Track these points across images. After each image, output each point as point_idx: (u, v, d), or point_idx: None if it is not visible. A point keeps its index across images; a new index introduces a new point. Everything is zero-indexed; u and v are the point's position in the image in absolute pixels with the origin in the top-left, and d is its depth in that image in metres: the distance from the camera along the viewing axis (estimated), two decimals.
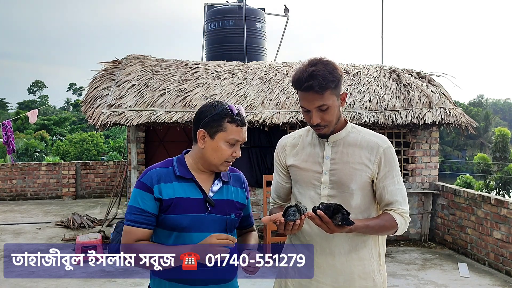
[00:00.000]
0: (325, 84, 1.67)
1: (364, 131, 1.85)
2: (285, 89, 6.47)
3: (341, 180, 1.77)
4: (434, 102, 6.30)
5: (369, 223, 1.71)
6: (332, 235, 1.75)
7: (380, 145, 1.78)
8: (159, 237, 1.69)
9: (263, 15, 8.88)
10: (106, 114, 5.83)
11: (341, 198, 1.76)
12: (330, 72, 1.68)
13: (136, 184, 1.70)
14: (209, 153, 1.68)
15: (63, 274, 5.19)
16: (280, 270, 1.99)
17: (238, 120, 1.67)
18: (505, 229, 5.18)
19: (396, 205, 1.78)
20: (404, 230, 1.81)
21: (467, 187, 20.12)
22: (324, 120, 1.73)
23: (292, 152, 1.91)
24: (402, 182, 1.83)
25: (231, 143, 1.67)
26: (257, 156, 6.83)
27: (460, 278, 5.07)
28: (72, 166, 10.84)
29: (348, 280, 1.77)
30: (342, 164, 1.78)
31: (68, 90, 60.08)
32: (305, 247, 1.83)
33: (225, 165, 1.71)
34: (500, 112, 58.80)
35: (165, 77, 6.58)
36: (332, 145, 1.82)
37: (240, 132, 1.68)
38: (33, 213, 8.93)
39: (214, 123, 1.65)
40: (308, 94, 1.69)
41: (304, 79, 1.67)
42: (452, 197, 6.26)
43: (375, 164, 1.77)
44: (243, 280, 5.19)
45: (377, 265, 1.83)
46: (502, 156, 27.08)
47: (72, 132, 31.84)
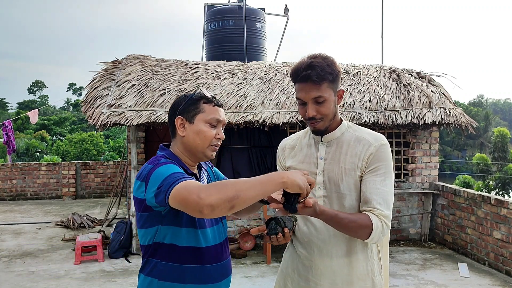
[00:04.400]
0: (323, 75, 1.66)
1: (360, 130, 1.81)
2: (285, 89, 6.47)
3: (333, 181, 1.75)
4: (434, 102, 6.30)
5: (339, 214, 1.62)
6: (329, 237, 1.74)
7: (371, 143, 1.73)
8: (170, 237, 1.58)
9: (263, 15, 8.88)
10: (106, 114, 5.83)
11: (335, 199, 1.75)
12: (329, 65, 1.68)
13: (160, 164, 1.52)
14: (191, 139, 1.62)
15: (63, 274, 5.19)
16: (280, 271, 1.99)
17: (214, 100, 1.64)
18: (505, 229, 5.18)
19: (374, 204, 1.66)
20: (380, 236, 1.66)
21: (466, 187, 20.11)
22: (319, 113, 1.71)
23: (291, 154, 1.91)
24: (389, 186, 1.70)
25: (212, 123, 1.62)
26: (257, 156, 6.84)
27: (460, 278, 5.07)
28: (72, 166, 10.85)
29: (346, 281, 1.76)
30: (333, 164, 1.76)
31: (68, 90, 60.04)
32: (303, 248, 1.83)
33: (211, 149, 1.64)
34: (500, 112, 58.80)
35: (165, 77, 6.58)
36: (327, 145, 1.80)
37: (218, 111, 1.64)
38: (33, 213, 8.94)
39: (190, 107, 1.62)
40: (305, 85, 1.68)
41: (302, 69, 1.67)
42: (452, 197, 6.27)
43: (364, 161, 1.71)
44: (243, 280, 5.20)
45: (377, 265, 1.81)
46: (502, 156, 27.09)
47: (72, 132, 31.80)
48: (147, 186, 1.50)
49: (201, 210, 1.31)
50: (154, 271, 1.60)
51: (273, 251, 5.85)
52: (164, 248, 1.59)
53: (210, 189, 1.33)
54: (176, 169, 1.49)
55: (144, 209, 1.57)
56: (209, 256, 1.63)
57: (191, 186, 1.37)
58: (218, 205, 1.31)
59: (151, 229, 1.59)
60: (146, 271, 1.63)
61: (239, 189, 1.32)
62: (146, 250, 1.63)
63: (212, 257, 1.64)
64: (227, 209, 1.32)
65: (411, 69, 7.20)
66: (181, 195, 1.36)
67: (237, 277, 4.97)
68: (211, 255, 1.63)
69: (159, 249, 1.60)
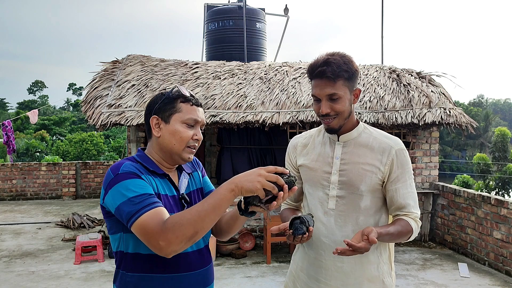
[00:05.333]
0: (338, 72, 1.65)
1: (377, 132, 1.82)
2: (285, 89, 6.47)
3: (351, 181, 1.74)
4: (434, 102, 6.30)
5: (390, 230, 1.66)
6: (341, 238, 1.72)
7: (392, 146, 1.75)
8: (133, 245, 1.45)
9: (263, 15, 8.88)
10: (106, 114, 5.84)
11: (350, 199, 1.75)
12: (345, 63, 1.67)
13: (116, 179, 1.41)
14: (167, 140, 1.51)
15: (63, 274, 5.19)
16: (289, 272, 1.96)
17: (191, 99, 1.54)
18: (505, 229, 5.18)
19: (409, 208, 1.75)
20: (416, 235, 1.78)
21: (465, 187, 20.11)
22: (333, 110, 1.69)
23: (303, 152, 1.88)
24: (414, 186, 1.80)
25: (189, 123, 1.52)
26: (257, 156, 6.84)
27: (460, 278, 5.07)
28: (72, 166, 10.84)
29: (357, 283, 1.76)
30: (352, 165, 1.75)
31: (68, 90, 60.09)
32: (315, 249, 1.81)
33: (188, 152, 1.53)
34: (500, 112, 58.81)
35: (165, 77, 6.58)
36: (343, 145, 1.78)
37: (196, 111, 1.53)
38: (33, 213, 8.94)
39: (166, 106, 1.52)
40: (320, 81, 1.68)
41: (318, 65, 1.67)
42: (452, 197, 6.27)
43: (387, 166, 1.73)
44: (243, 280, 5.20)
45: (387, 268, 1.81)
46: (502, 156, 27.09)
47: (72, 132, 31.80)
48: (106, 195, 1.42)
49: (165, 255, 1.32)
50: (122, 283, 1.49)
51: (273, 251, 5.85)
52: (128, 258, 1.47)
53: (167, 234, 1.28)
54: (136, 187, 1.38)
55: (107, 215, 1.48)
56: (184, 263, 1.49)
57: (150, 227, 1.30)
58: (180, 248, 1.31)
59: (116, 236, 1.49)
60: (117, 282, 1.53)
61: (195, 225, 1.29)
62: (115, 258, 1.54)
63: (188, 264, 1.50)
64: (190, 244, 1.32)
65: (411, 69, 7.20)
66: (142, 236, 1.33)
67: (237, 277, 4.97)
68: (186, 262, 1.50)
69: (123, 259, 1.49)
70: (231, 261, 5.61)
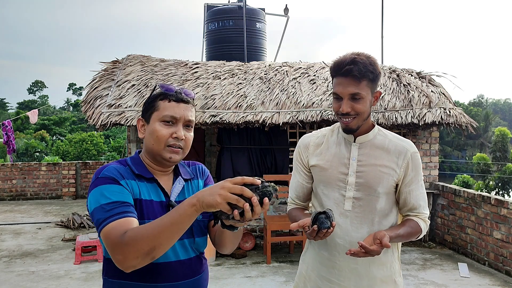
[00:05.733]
0: (364, 72, 1.65)
1: (391, 134, 1.84)
2: (285, 89, 6.48)
3: (368, 183, 1.75)
4: (434, 102, 6.30)
5: (400, 232, 1.69)
6: (356, 239, 1.72)
7: (408, 149, 1.78)
8: None
9: (263, 15, 8.88)
10: (106, 114, 5.84)
11: (367, 201, 1.75)
12: (371, 64, 1.68)
13: (95, 183, 1.37)
14: (147, 140, 1.46)
15: (63, 274, 5.19)
16: (299, 273, 1.95)
17: (171, 95, 1.46)
18: (505, 229, 5.18)
19: (420, 209, 1.79)
20: (424, 234, 1.84)
21: (465, 187, 20.11)
22: (354, 110, 1.68)
23: (316, 152, 1.86)
24: (424, 186, 1.84)
25: (166, 120, 1.44)
26: (257, 156, 6.83)
27: (460, 278, 5.07)
28: (72, 166, 10.85)
29: (371, 284, 1.77)
30: (369, 167, 1.75)
31: (68, 90, 60.12)
32: (328, 249, 1.80)
33: (169, 151, 1.44)
34: (500, 112, 58.84)
35: (165, 77, 6.58)
36: (359, 147, 1.78)
37: (174, 107, 1.44)
38: (33, 213, 8.94)
39: (148, 107, 1.49)
40: (345, 79, 1.67)
41: (345, 63, 1.66)
42: (452, 197, 6.27)
43: (402, 168, 1.76)
44: (243, 280, 5.20)
45: (398, 267, 1.84)
46: (502, 156, 27.10)
47: (72, 132, 31.81)
48: (87, 198, 1.39)
49: (124, 270, 1.25)
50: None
51: (273, 251, 5.84)
52: (111, 263, 1.39)
53: (124, 248, 1.22)
54: (110, 193, 1.33)
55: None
56: (165, 273, 1.41)
57: (111, 238, 1.25)
58: (137, 263, 1.23)
59: (101, 240, 1.41)
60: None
61: (153, 240, 1.20)
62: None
63: (170, 274, 1.42)
64: (149, 260, 1.24)
65: (411, 69, 7.20)
66: (105, 245, 1.28)
67: (237, 277, 4.97)
68: (168, 272, 1.42)
69: (107, 264, 1.45)
70: (231, 261, 5.61)
